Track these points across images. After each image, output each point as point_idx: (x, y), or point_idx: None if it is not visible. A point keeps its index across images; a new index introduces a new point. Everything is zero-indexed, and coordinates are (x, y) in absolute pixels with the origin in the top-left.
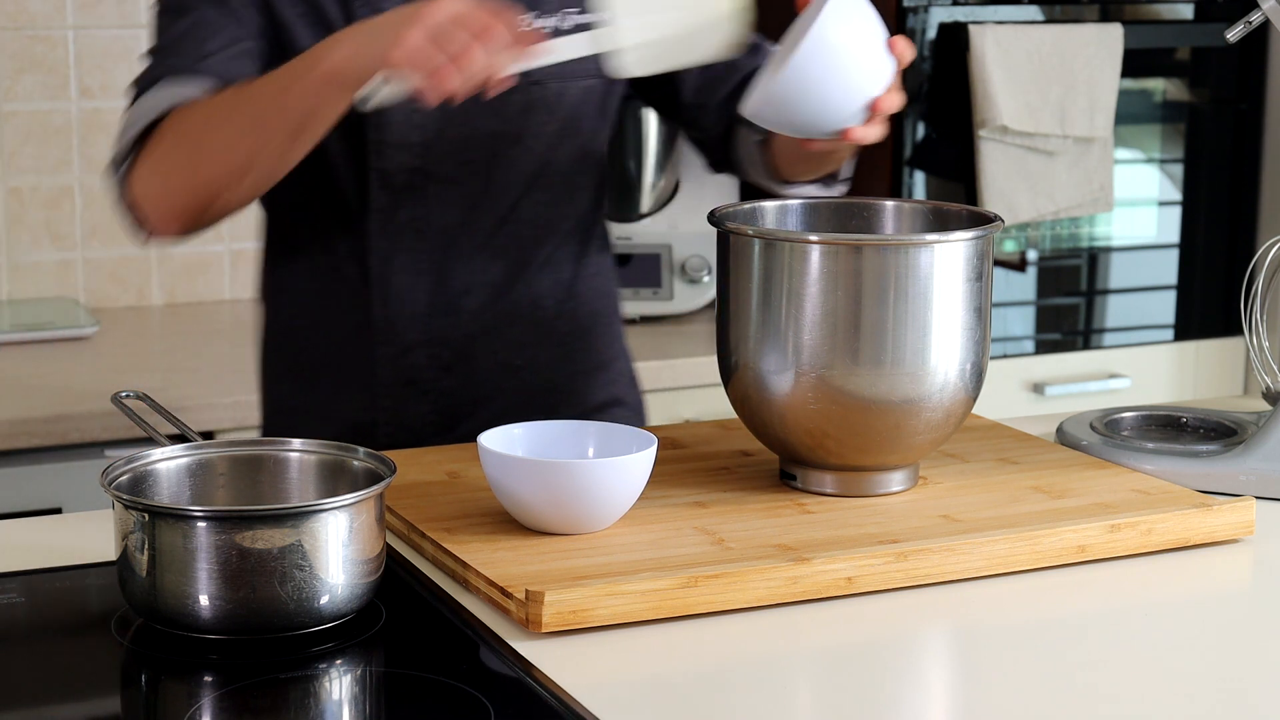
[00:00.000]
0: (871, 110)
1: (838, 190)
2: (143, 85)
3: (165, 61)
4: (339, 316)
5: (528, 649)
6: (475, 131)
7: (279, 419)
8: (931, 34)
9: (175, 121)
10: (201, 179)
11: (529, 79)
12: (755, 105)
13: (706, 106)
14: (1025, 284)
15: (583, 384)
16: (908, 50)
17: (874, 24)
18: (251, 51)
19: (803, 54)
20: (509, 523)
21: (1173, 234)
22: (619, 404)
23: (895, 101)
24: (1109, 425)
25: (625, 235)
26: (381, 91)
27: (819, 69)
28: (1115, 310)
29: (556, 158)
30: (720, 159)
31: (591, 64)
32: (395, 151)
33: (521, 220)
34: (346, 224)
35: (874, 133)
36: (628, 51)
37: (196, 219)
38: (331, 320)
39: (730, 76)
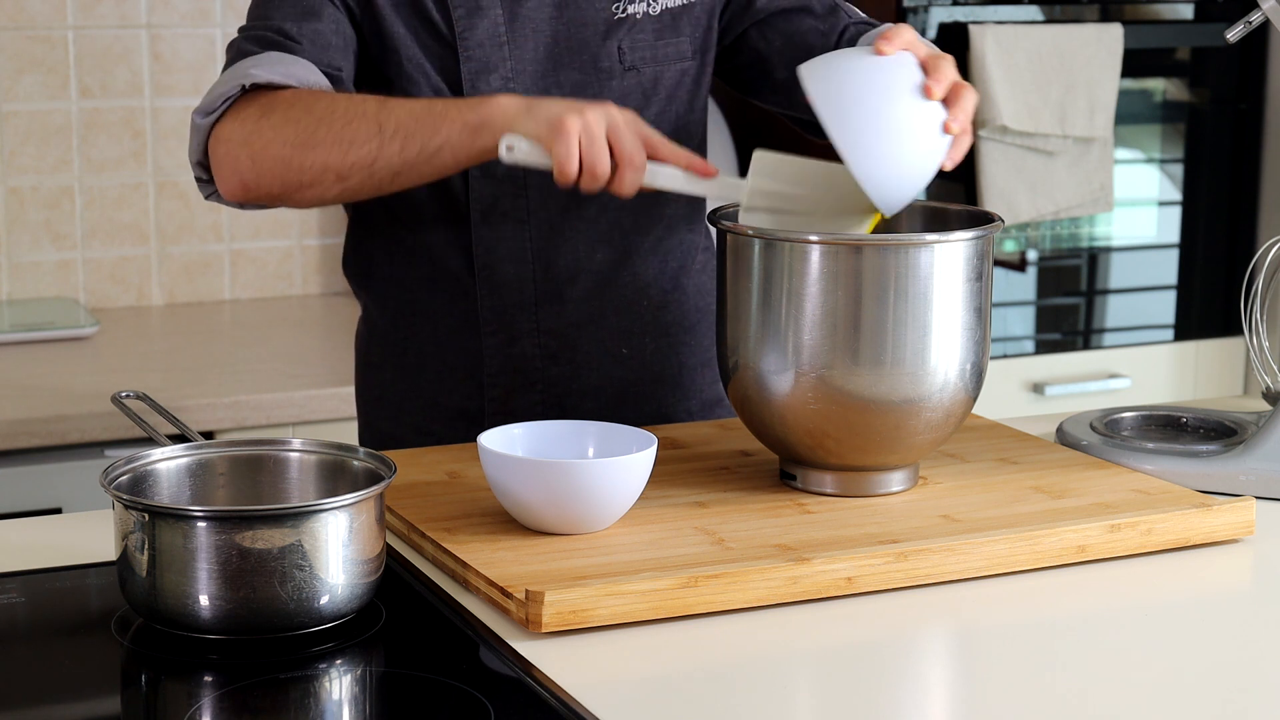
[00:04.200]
0: (927, 93)
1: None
2: (250, 42)
3: (274, 25)
4: (445, 306)
5: (528, 649)
6: None
7: (379, 407)
8: (931, 34)
9: (289, 101)
10: (299, 165)
11: (625, 65)
12: (882, 204)
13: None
14: (1025, 284)
15: (689, 379)
16: (899, 39)
17: (849, 55)
18: (349, 41)
19: (840, 141)
20: (509, 523)
21: (1173, 234)
22: (723, 404)
23: (944, 69)
24: (1109, 425)
25: None
26: (522, 152)
27: (860, 128)
28: (1115, 310)
29: None
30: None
31: (685, 46)
32: None
33: (624, 207)
34: (448, 215)
35: (966, 103)
36: (749, 211)
37: (269, 198)
38: (438, 310)
39: (817, 46)
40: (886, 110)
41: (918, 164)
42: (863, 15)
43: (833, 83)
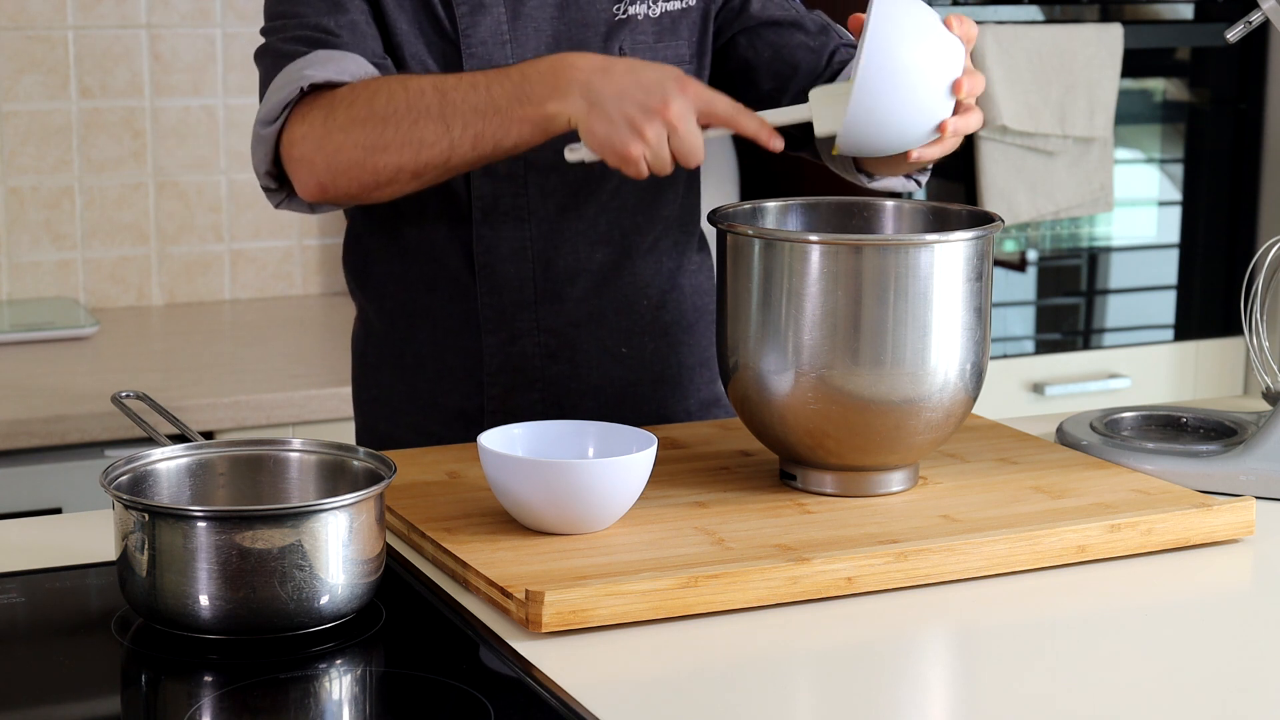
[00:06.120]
0: (954, 95)
1: (923, 180)
2: (291, 42)
3: (310, 22)
4: (444, 306)
5: (528, 649)
6: None
7: (377, 407)
8: None
9: (349, 100)
10: (373, 167)
11: None
12: (843, 142)
13: (784, 93)
14: (1025, 284)
15: (688, 379)
16: (969, 26)
17: (925, 14)
18: (376, 29)
19: (864, 75)
20: (509, 523)
21: (1173, 234)
22: (720, 404)
23: (977, 83)
24: (1109, 425)
25: None
26: (582, 153)
27: (885, 82)
28: (1115, 310)
29: None
30: (798, 144)
31: (684, 49)
32: None
33: (623, 207)
34: (449, 214)
35: (971, 121)
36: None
37: (347, 198)
38: (437, 309)
39: (805, 63)
40: (918, 73)
41: (901, 133)
42: (853, 38)
43: (898, 20)
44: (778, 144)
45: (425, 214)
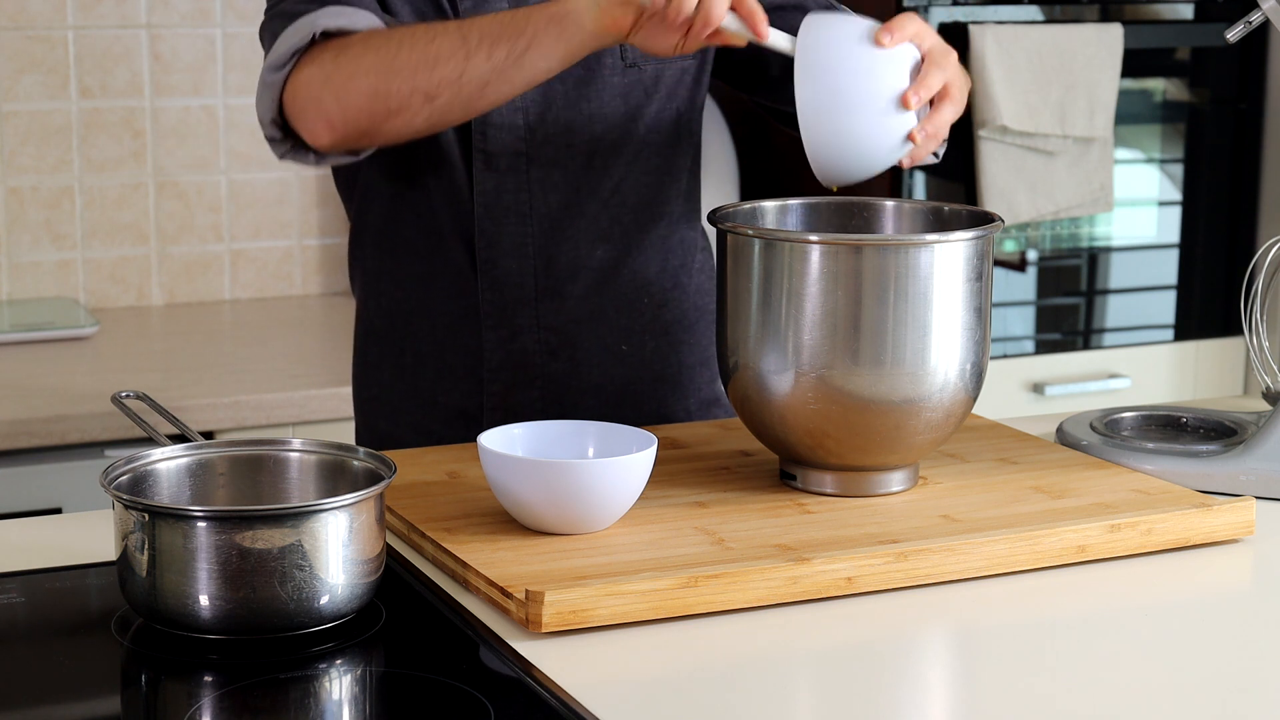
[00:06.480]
0: (904, 108)
1: (941, 152)
2: (297, 3)
3: None
4: (445, 302)
5: (528, 649)
6: (577, 114)
7: (377, 406)
8: None
9: (364, 37)
10: (384, 94)
11: (626, 62)
12: (818, 171)
13: (792, 76)
14: (1025, 284)
15: (689, 378)
16: (903, 28)
17: (845, 45)
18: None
19: (803, 122)
20: (509, 523)
21: (1173, 234)
22: (720, 404)
23: (929, 85)
24: (1109, 425)
25: None
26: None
27: (825, 125)
28: (1115, 310)
29: (655, 138)
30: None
31: None
32: (499, 133)
33: (625, 204)
34: (451, 209)
35: (942, 118)
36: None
37: (357, 135)
38: (438, 306)
39: None
40: (858, 107)
41: (869, 160)
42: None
43: (822, 59)
44: (765, 33)
45: (427, 209)
